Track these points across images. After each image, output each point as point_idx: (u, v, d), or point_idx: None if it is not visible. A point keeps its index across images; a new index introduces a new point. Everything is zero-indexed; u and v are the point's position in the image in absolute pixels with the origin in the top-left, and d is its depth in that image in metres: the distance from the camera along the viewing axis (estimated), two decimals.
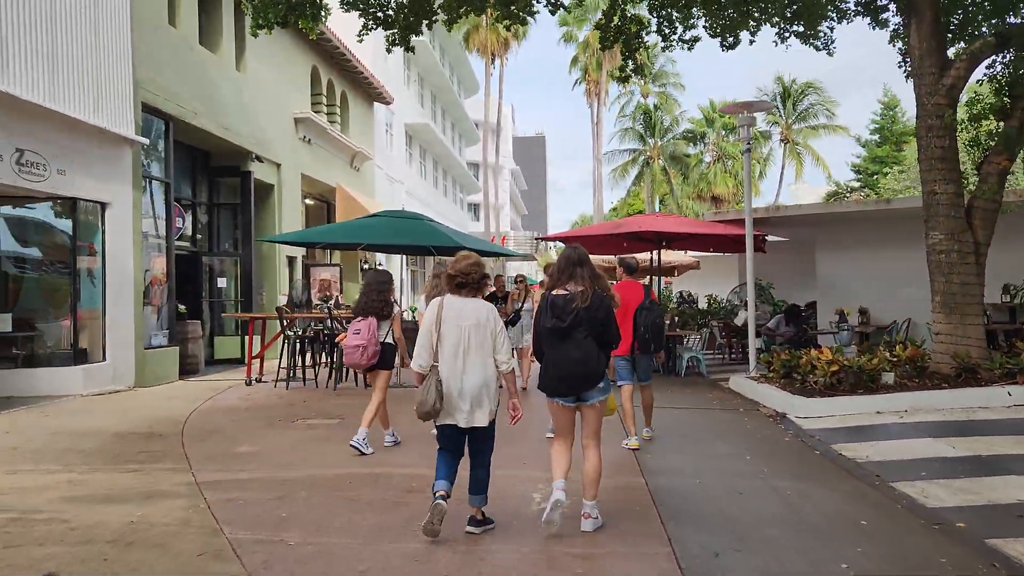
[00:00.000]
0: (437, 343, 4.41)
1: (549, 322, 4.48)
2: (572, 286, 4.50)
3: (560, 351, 4.49)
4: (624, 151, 42.18)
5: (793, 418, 8.52)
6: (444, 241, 10.46)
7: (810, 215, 13.78)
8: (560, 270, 4.58)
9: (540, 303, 4.66)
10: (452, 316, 4.43)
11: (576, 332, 4.44)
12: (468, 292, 4.51)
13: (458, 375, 4.40)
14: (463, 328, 4.41)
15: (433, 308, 4.52)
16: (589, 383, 4.51)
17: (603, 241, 15.30)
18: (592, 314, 4.44)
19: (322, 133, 18.77)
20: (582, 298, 4.43)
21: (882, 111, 32.77)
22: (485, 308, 4.50)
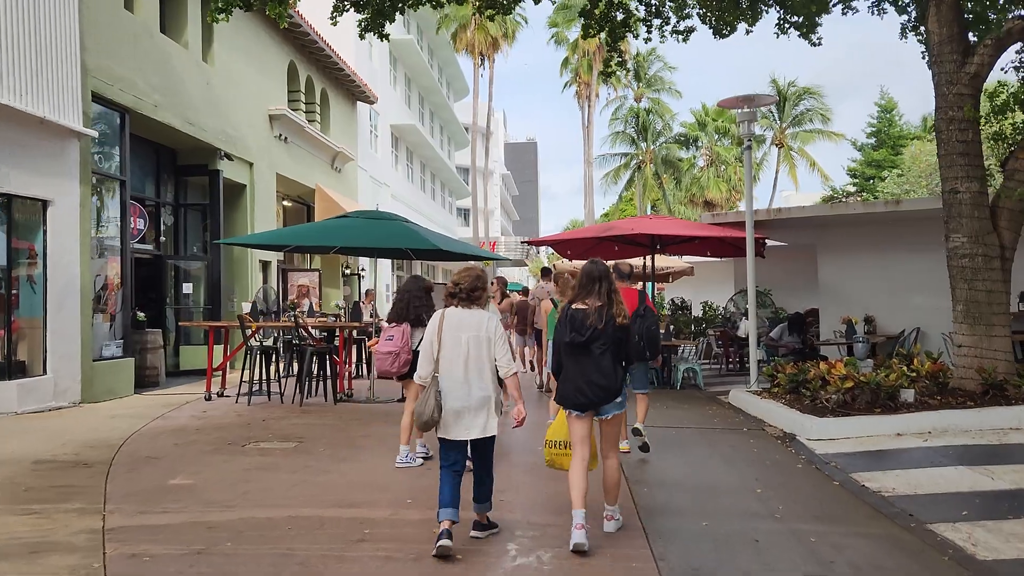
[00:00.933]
0: (438, 354, 4.47)
1: (568, 336, 4.57)
2: (591, 301, 4.59)
3: (579, 365, 4.58)
4: (616, 155, 41.41)
5: (804, 440, 7.65)
6: (421, 243, 9.58)
7: (813, 218, 12.96)
8: (581, 285, 4.67)
9: (560, 317, 4.74)
10: (452, 327, 4.50)
11: (594, 346, 4.53)
12: (465, 303, 4.57)
13: (459, 386, 4.43)
14: (462, 339, 4.47)
15: (435, 320, 4.59)
16: (607, 397, 4.57)
17: (593, 245, 14.43)
18: (608, 329, 4.52)
19: (299, 131, 17.87)
20: (598, 314, 4.52)
21: (879, 114, 32.08)
22: (485, 318, 4.56)
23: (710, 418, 9.38)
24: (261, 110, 16.24)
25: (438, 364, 4.46)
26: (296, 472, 6.33)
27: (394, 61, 29.77)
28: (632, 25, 12.99)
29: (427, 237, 9.62)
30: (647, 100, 41.87)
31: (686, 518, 5.18)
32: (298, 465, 6.59)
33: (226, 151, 14.43)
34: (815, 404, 8.34)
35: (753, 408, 9.56)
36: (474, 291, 4.60)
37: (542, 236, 14.63)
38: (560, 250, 13.79)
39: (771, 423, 8.66)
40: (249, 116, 15.61)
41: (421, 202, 34.35)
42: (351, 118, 22.78)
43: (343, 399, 10.52)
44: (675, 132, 41.26)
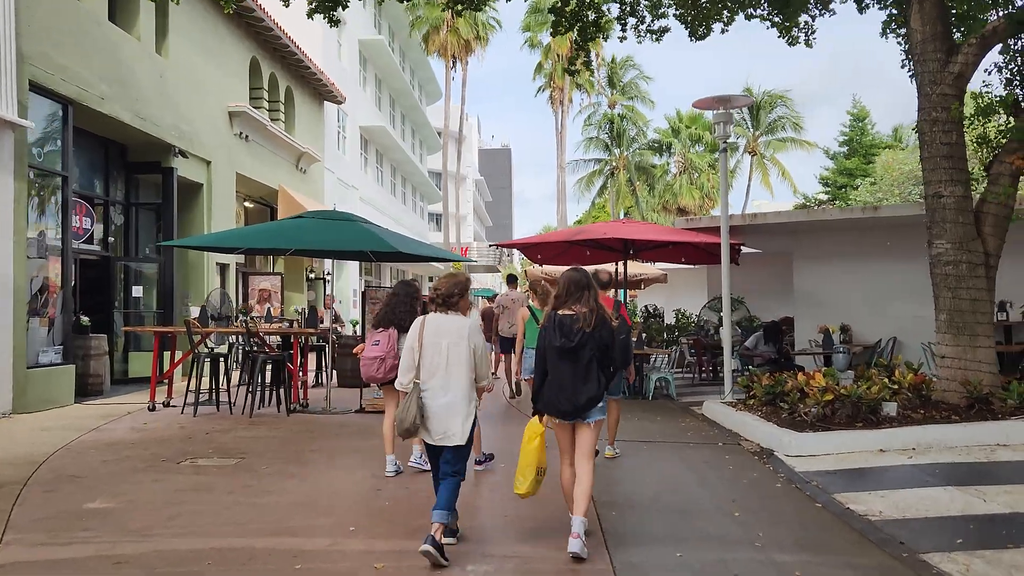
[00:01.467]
0: (419, 361, 4.46)
1: (558, 341, 4.53)
2: (577, 308, 4.58)
3: (566, 371, 4.55)
4: (589, 161, 41.12)
5: (782, 456, 7.23)
6: (379, 245, 9.03)
7: (789, 224, 12.62)
8: (567, 292, 4.62)
9: (546, 323, 4.67)
10: (432, 333, 4.50)
11: (583, 352, 4.53)
12: (442, 308, 4.57)
13: (439, 393, 4.43)
14: (442, 346, 4.46)
15: (416, 326, 4.58)
16: (592, 403, 4.56)
17: (564, 249, 13.97)
18: (596, 335, 4.53)
19: (261, 129, 17.22)
20: (586, 320, 4.52)
21: (851, 122, 32.11)
22: (465, 325, 4.54)
23: (683, 431, 8.93)
24: (220, 106, 15.58)
25: (419, 371, 4.46)
26: (232, 493, 5.75)
27: (364, 62, 29.18)
28: (603, 26, 12.63)
29: (385, 238, 9.08)
30: (621, 107, 41.65)
31: (658, 547, 4.69)
32: (236, 485, 6.01)
33: (181, 148, 13.77)
34: (793, 417, 7.93)
35: (728, 421, 9.14)
36: (451, 296, 4.58)
37: (520, 249, 14.10)
38: (530, 254, 13.32)
39: (747, 437, 8.24)
40: (207, 112, 14.95)
41: (391, 206, 33.74)
42: (318, 118, 22.15)
43: (297, 410, 9.93)
44: (649, 139, 41.08)
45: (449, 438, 4.43)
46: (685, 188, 36.79)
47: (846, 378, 7.79)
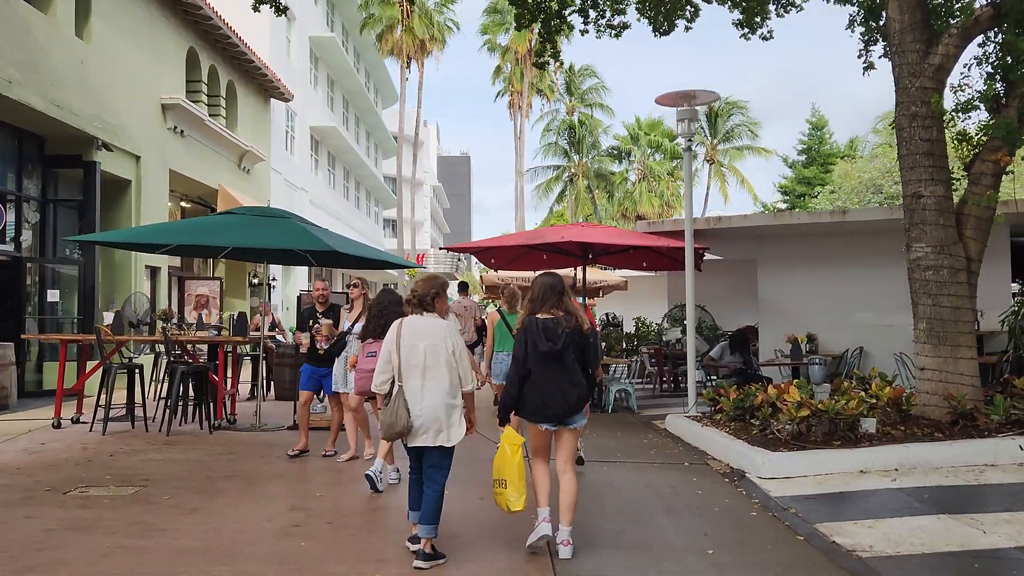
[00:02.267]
0: (399, 364, 4.39)
1: (544, 345, 4.49)
2: (556, 311, 4.56)
3: (551, 375, 4.51)
4: (548, 167, 40.48)
5: (755, 479, 6.54)
6: (314, 244, 8.15)
7: (753, 228, 12.07)
8: (544, 297, 4.59)
9: (527, 328, 4.59)
10: (409, 336, 4.43)
11: (567, 355, 4.51)
12: (419, 311, 4.52)
13: (417, 395, 4.34)
14: (420, 348, 4.39)
15: (393, 328, 4.51)
16: (578, 406, 4.55)
17: (521, 254, 13.23)
18: (576, 339, 4.53)
19: (199, 124, 16.17)
20: (567, 322, 4.53)
21: (810, 131, 32.06)
22: (443, 327, 4.50)
23: (646, 449, 8.21)
24: (152, 98, 14.52)
25: (399, 373, 4.38)
26: (115, 533, 4.83)
27: (315, 60, 28.16)
28: (566, 18, 12.01)
29: (321, 237, 8.20)
30: (579, 114, 41.20)
31: None
32: (124, 521, 5.09)
33: (104, 140, 12.69)
34: (765, 435, 7.26)
35: (693, 437, 8.45)
36: (426, 298, 4.52)
37: (474, 254, 13.22)
38: (483, 259, 12.55)
39: (715, 456, 7.55)
40: (136, 103, 13.88)
41: (344, 210, 32.68)
42: (263, 116, 21.10)
43: (221, 427, 8.97)
44: (608, 145, 40.68)
45: (435, 438, 4.33)
46: (644, 195, 36.40)
47: (822, 392, 7.17)
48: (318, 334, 7.42)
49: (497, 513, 4.88)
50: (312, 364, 7.52)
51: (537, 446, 4.67)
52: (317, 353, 7.44)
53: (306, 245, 8.13)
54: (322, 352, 7.40)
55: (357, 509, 5.54)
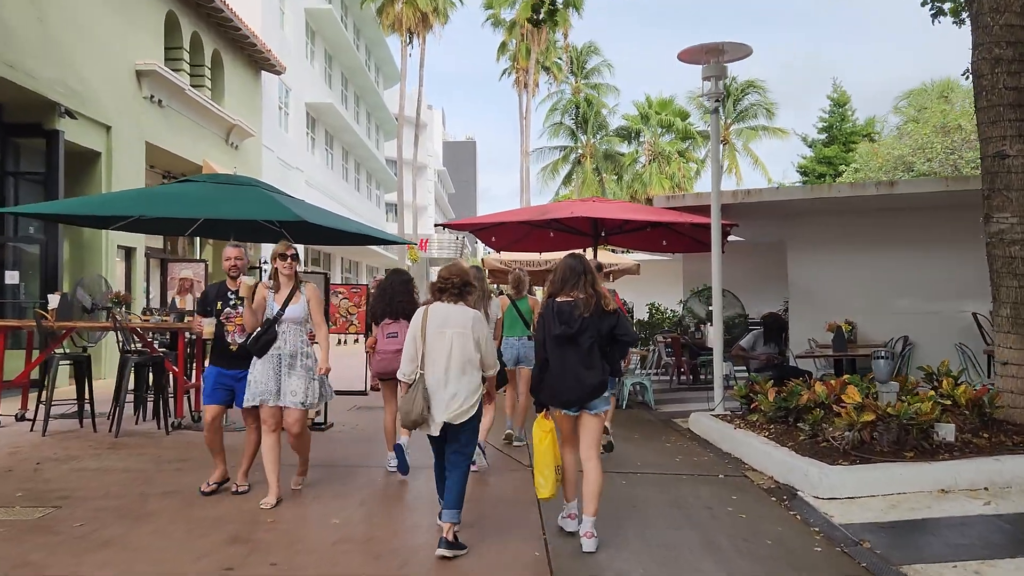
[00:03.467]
0: (423, 351, 4.35)
1: (557, 329, 4.41)
2: (576, 294, 4.46)
3: (568, 358, 4.40)
4: (554, 148, 39.11)
5: (810, 498, 5.36)
6: (283, 214, 6.96)
7: (785, 204, 10.81)
8: (564, 279, 4.52)
9: (544, 312, 4.56)
10: (436, 323, 4.38)
11: (583, 339, 4.38)
12: (450, 298, 4.46)
13: (442, 383, 4.31)
14: (447, 335, 4.35)
15: (419, 315, 4.46)
16: (597, 391, 4.40)
17: (524, 234, 12.03)
18: (595, 320, 4.38)
19: (179, 95, 14.96)
20: (586, 305, 4.40)
21: (831, 108, 30.61)
22: (471, 315, 4.43)
23: (670, 455, 7.03)
24: (125, 63, 13.31)
25: (423, 361, 4.35)
26: None
27: (311, 33, 26.89)
28: None
29: (291, 207, 6.99)
30: (585, 94, 39.81)
31: None
32: (7, 561, 3.93)
33: (69, 107, 11.50)
34: (816, 442, 6.07)
35: (724, 441, 7.27)
36: (466, 286, 4.50)
37: (473, 232, 11.99)
38: (484, 238, 11.34)
39: (754, 466, 6.37)
40: (106, 68, 12.68)
41: (343, 192, 31.48)
42: (254, 89, 19.87)
43: (180, 426, 7.82)
44: (616, 125, 39.23)
45: (457, 417, 4.29)
46: (655, 177, 35.05)
47: (888, 391, 5.96)
48: (229, 321, 5.46)
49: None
50: (219, 365, 5.42)
51: (562, 432, 4.56)
52: (228, 349, 5.42)
53: (270, 215, 6.93)
54: (234, 348, 5.39)
55: (314, 543, 4.38)
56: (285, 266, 5.24)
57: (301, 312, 5.23)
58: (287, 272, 5.26)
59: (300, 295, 5.27)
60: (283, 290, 5.26)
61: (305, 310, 5.25)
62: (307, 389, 5.16)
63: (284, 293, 5.25)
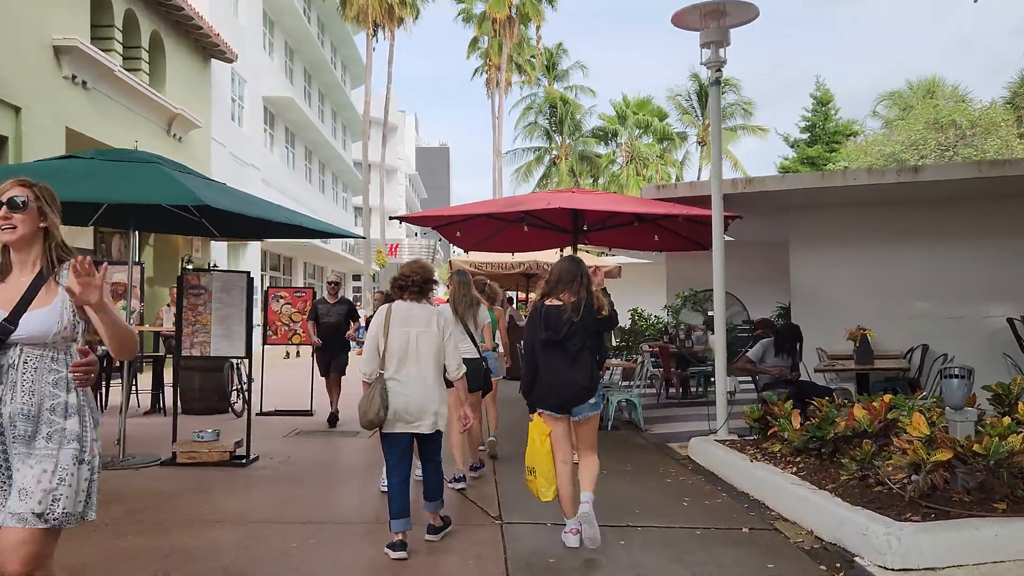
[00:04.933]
0: (384, 350, 4.28)
1: (543, 334, 4.41)
2: (566, 296, 4.41)
3: (554, 363, 4.40)
4: (528, 149, 37.77)
5: (874, 568, 3.98)
6: (182, 197, 5.45)
7: (789, 194, 9.50)
8: (558, 279, 4.46)
9: (532, 315, 4.58)
10: (399, 321, 4.34)
11: (570, 344, 4.37)
12: (412, 296, 4.41)
13: (406, 382, 4.26)
14: (411, 334, 4.33)
15: (380, 314, 4.39)
16: (584, 396, 4.39)
17: (495, 231, 10.60)
18: (586, 325, 4.36)
19: (107, 77, 13.36)
20: (574, 309, 4.35)
21: (814, 107, 29.63)
22: (434, 313, 4.43)
23: (674, 496, 5.64)
24: (38, 37, 11.70)
25: (384, 360, 4.26)
26: None
27: (270, 24, 25.31)
28: None
29: (192, 189, 5.47)
30: (561, 94, 38.58)
31: None
32: None
33: None
34: (867, 485, 4.71)
35: (738, 476, 5.91)
36: (427, 283, 4.43)
37: (435, 227, 10.67)
38: (448, 234, 9.90)
39: (785, 514, 5.00)
40: (13, 41, 11.07)
41: (306, 194, 29.86)
42: (200, 77, 18.26)
43: None
44: (593, 126, 37.98)
45: (427, 426, 4.27)
46: (632, 179, 33.83)
47: (963, 420, 4.61)
48: None
49: None
50: None
51: (553, 435, 4.45)
52: None
53: (164, 198, 5.42)
54: None
55: None
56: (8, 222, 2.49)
57: (54, 323, 2.47)
58: (16, 233, 2.50)
59: (56, 289, 2.51)
60: (14, 277, 2.54)
61: (63, 318, 2.48)
62: (53, 482, 2.39)
63: (15, 283, 2.51)
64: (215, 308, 6.48)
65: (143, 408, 9.89)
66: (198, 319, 6.48)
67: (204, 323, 6.49)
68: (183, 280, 6.54)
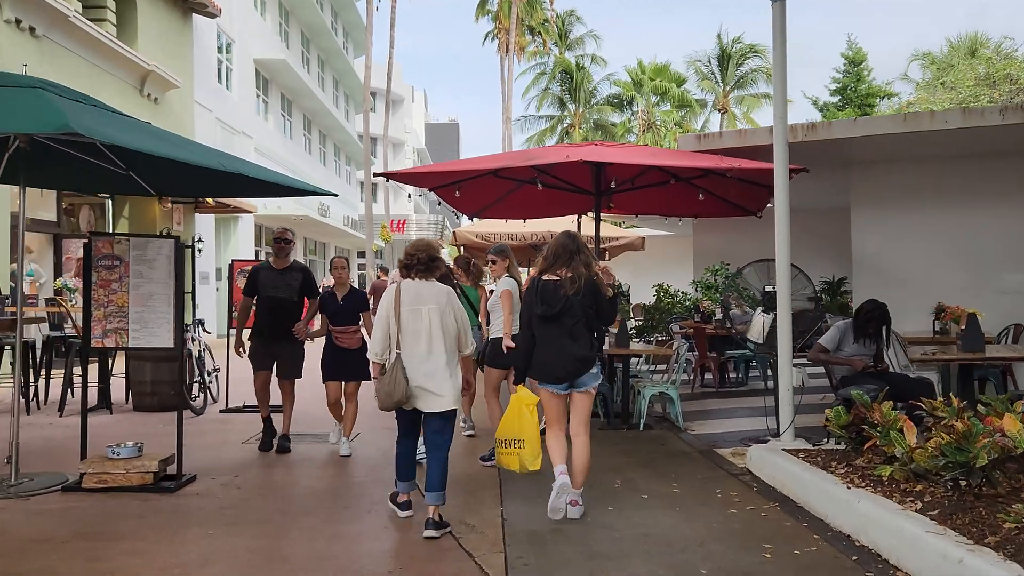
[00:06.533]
0: (398, 330, 4.27)
1: (539, 308, 4.46)
2: (563, 272, 4.46)
3: (553, 337, 4.44)
4: (541, 117, 35.97)
5: None
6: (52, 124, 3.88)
7: (859, 142, 7.83)
8: (556, 255, 4.51)
9: (528, 289, 4.62)
10: (410, 300, 4.34)
11: (566, 318, 4.42)
12: (420, 275, 4.40)
13: (422, 361, 4.25)
14: (423, 312, 4.31)
15: (389, 294, 4.40)
16: (583, 368, 4.44)
17: (505, 191, 8.99)
18: (582, 300, 4.41)
19: (62, 24, 11.77)
20: (571, 284, 4.41)
21: (845, 67, 27.65)
22: (444, 291, 4.43)
23: (747, 540, 4.09)
24: None
25: (399, 340, 4.26)
26: None
27: None
28: None
29: (65, 112, 3.88)
30: (576, 59, 36.71)
31: None
32: None
33: None
34: None
35: (826, 505, 4.41)
36: (433, 261, 4.42)
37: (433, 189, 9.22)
38: (447, 196, 8.29)
39: (913, 573, 3.45)
40: None
41: (305, 165, 28.28)
42: (181, 34, 16.64)
43: None
44: (608, 93, 36.07)
45: (440, 403, 4.26)
46: None
47: None
48: None
49: None
50: None
51: (549, 411, 4.55)
52: None
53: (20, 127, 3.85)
54: None
55: None
56: None
57: None
58: None
59: None
60: None
61: None
62: None
63: None
64: (134, 285, 4.95)
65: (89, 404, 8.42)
66: (112, 299, 4.95)
67: (120, 304, 4.97)
68: (90, 248, 5.00)
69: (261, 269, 6.40)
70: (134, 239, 5.05)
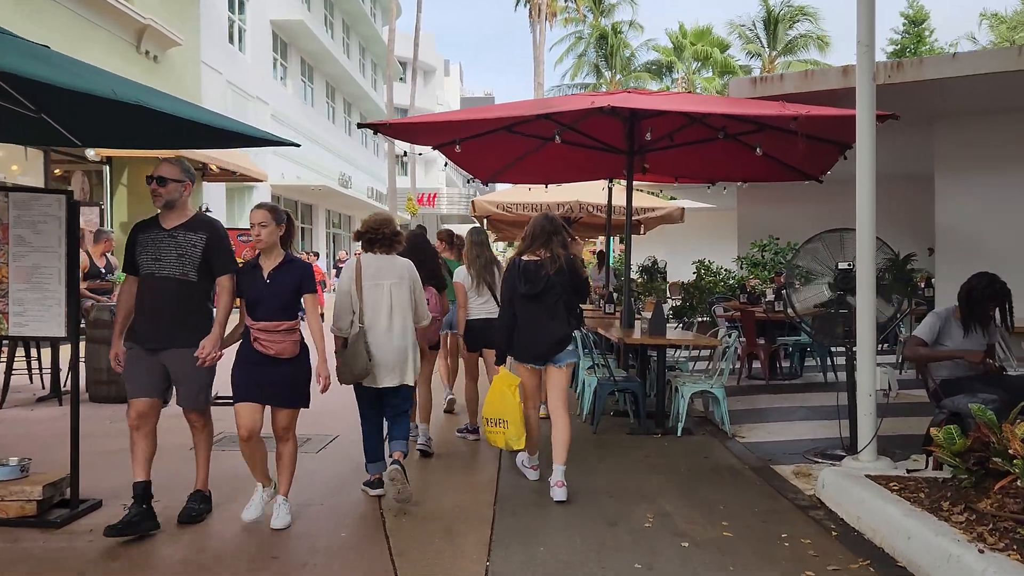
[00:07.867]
0: (361, 304, 4.28)
1: (523, 287, 4.56)
2: (542, 253, 4.60)
3: (533, 316, 4.58)
4: (576, 86, 34.31)
5: None
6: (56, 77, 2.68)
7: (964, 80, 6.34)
8: (534, 236, 4.66)
9: (509, 268, 4.71)
10: (371, 275, 4.35)
11: (547, 297, 4.57)
12: (382, 248, 4.42)
13: (383, 335, 4.30)
14: (384, 287, 4.36)
15: (349, 268, 4.39)
16: (560, 346, 4.58)
17: (521, 154, 7.69)
18: (562, 279, 4.56)
19: None
20: (551, 264, 4.56)
21: (905, 27, 25.52)
22: (405, 265, 4.48)
23: None
24: None
25: (361, 314, 4.25)
26: None
27: None
28: None
29: None
30: (613, 23, 34.94)
31: None
32: None
33: None
34: None
35: (940, 567, 3.06)
36: (396, 236, 4.45)
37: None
38: (449, 152, 7.00)
39: None
40: None
41: (329, 135, 27.18)
42: None
43: None
44: (645, 60, 34.25)
45: (399, 378, 4.34)
46: None
47: None
48: None
49: None
50: None
51: (526, 386, 4.70)
52: None
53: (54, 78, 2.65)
54: None
55: None
56: None
57: None
58: None
59: None
60: None
61: None
62: None
63: None
64: (15, 255, 3.78)
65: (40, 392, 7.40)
66: None
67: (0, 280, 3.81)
68: None
69: (139, 229, 3.92)
70: (14, 194, 3.86)
